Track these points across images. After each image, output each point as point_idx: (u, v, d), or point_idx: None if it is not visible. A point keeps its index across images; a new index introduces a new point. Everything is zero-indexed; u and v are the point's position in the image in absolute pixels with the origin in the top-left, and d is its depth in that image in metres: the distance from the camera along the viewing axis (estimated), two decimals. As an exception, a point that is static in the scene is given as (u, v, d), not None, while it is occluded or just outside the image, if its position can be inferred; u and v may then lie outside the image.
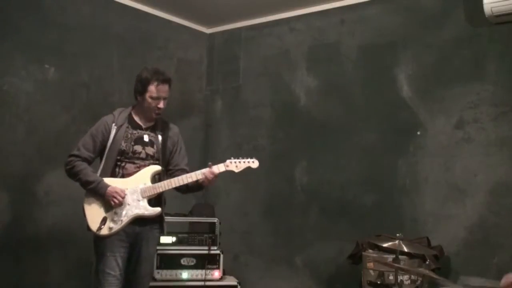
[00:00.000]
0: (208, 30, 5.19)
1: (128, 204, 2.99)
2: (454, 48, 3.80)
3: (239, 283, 4.00)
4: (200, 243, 4.03)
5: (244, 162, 3.13)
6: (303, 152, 4.46)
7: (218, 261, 4.00)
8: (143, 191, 3.02)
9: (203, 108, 5.11)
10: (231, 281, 4.05)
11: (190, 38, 5.04)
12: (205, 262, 3.94)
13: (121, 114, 3.14)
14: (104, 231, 2.95)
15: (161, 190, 3.05)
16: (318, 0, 4.40)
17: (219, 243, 4.08)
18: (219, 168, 3.09)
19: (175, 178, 3.06)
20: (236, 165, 3.11)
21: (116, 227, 2.96)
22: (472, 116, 3.68)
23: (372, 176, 4.08)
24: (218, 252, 4.02)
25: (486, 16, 3.47)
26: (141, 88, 3.08)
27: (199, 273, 3.93)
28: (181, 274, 3.90)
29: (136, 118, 3.16)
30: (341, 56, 4.35)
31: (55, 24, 4.00)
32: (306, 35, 4.57)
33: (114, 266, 2.95)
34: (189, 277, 3.91)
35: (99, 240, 2.99)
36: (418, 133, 3.90)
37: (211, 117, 5.10)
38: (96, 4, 4.27)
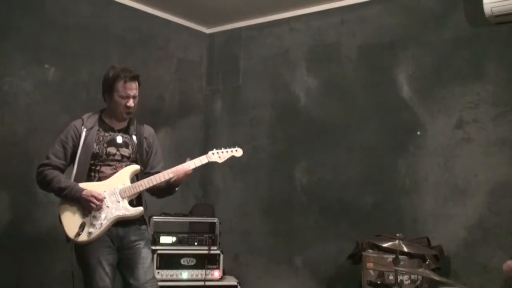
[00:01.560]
0: (208, 30, 5.19)
1: (107, 207, 2.81)
2: (454, 48, 3.80)
3: (239, 283, 4.01)
4: (200, 243, 4.03)
5: (227, 151, 3.07)
6: (303, 152, 4.46)
7: (218, 261, 4.00)
8: (122, 192, 2.85)
9: (203, 108, 5.11)
10: (231, 281, 4.06)
11: (190, 38, 5.04)
12: (205, 262, 3.94)
13: (90, 117, 2.97)
14: (83, 237, 2.75)
15: (141, 189, 2.88)
16: (318, 0, 4.40)
17: (219, 243, 4.08)
18: (201, 160, 2.97)
19: (155, 175, 2.91)
20: (219, 155, 3.04)
21: (95, 231, 2.76)
22: (472, 116, 3.68)
23: (372, 176, 4.08)
24: (218, 252, 4.02)
25: (486, 16, 3.47)
26: (108, 87, 2.91)
27: (199, 273, 3.93)
28: (181, 274, 3.90)
29: (107, 121, 2.99)
30: (341, 56, 4.35)
31: (55, 24, 4.00)
32: (306, 35, 4.57)
33: (103, 275, 2.75)
34: (189, 277, 3.91)
35: (80, 249, 2.79)
36: (418, 133, 3.89)
37: (211, 117, 5.10)
38: (96, 4, 4.27)
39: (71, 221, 2.81)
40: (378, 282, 3.37)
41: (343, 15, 4.36)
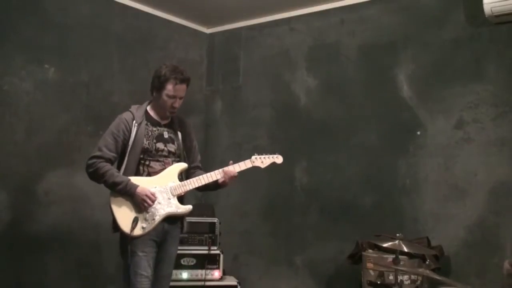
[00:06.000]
0: (208, 30, 5.19)
1: (159, 203, 2.95)
2: (454, 48, 3.80)
3: (239, 283, 4.00)
4: (200, 243, 4.03)
5: (269, 157, 3.20)
6: (303, 152, 4.46)
7: (218, 261, 4.00)
8: (173, 189, 2.99)
9: (203, 108, 5.11)
10: (231, 281, 4.05)
11: (190, 38, 5.03)
12: (205, 262, 3.94)
13: (138, 110, 3.08)
14: (137, 231, 2.88)
15: (190, 188, 3.03)
16: (318, 0, 4.40)
17: (219, 243, 4.08)
18: (245, 164, 3.12)
19: (204, 175, 3.06)
20: (261, 160, 3.17)
21: (148, 226, 2.91)
22: (472, 116, 3.68)
23: (372, 176, 4.08)
24: (218, 252, 4.02)
25: (486, 16, 3.47)
26: (158, 84, 3.02)
27: (199, 273, 3.93)
28: (181, 274, 3.90)
29: (153, 115, 3.12)
30: (341, 56, 4.35)
31: (55, 24, 3.99)
32: (306, 35, 4.57)
33: (146, 267, 2.89)
34: (189, 277, 3.91)
35: (129, 241, 2.89)
36: (418, 133, 3.90)
37: (211, 117, 5.10)
38: (96, 4, 4.26)
39: (124, 215, 2.91)
40: (378, 282, 3.37)
41: (343, 15, 4.36)
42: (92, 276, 4.02)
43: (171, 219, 3.02)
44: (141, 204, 2.90)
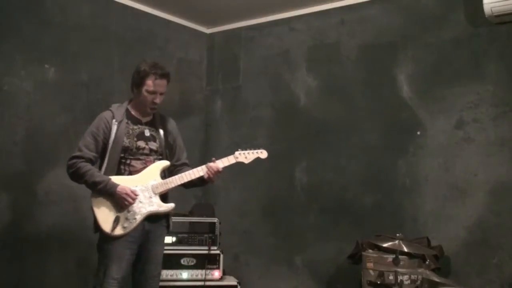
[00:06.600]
0: (208, 30, 5.19)
1: (141, 202, 2.92)
2: (454, 48, 3.80)
3: (239, 283, 4.00)
4: (200, 243, 4.03)
5: (253, 153, 3.14)
6: (303, 152, 4.46)
7: (218, 261, 4.00)
8: (154, 187, 2.96)
9: (203, 108, 5.11)
10: (231, 281, 4.05)
11: (190, 38, 5.04)
12: (205, 262, 3.94)
13: (118, 109, 3.05)
14: (118, 231, 2.86)
15: (172, 186, 3.00)
16: (318, 0, 4.40)
17: (219, 243, 4.08)
18: (229, 160, 3.07)
19: (186, 173, 3.02)
20: (245, 156, 3.11)
21: (130, 226, 2.88)
22: (472, 116, 3.68)
23: (372, 176, 4.08)
24: (218, 252, 4.02)
25: (486, 16, 3.47)
26: (138, 80, 3.00)
27: (199, 273, 3.93)
28: (181, 274, 3.90)
29: (134, 113, 3.09)
30: (341, 56, 4.35)
31: (55, 24, 4.00)
32: (306, 35, 4.57)
33: (118, 270, 2.85)
34: (189, 277, 3.91)
35: (107, 242, 2.87)
36: (418, 133, 3.90)
37: (211, 117, 5.10)
38: (96, 4, 4.27)
39: (105, 214, 2.89)
40: (378, 282, 3.37)
41: (343, 15, 4.36)
42: (92, 275, 4.01)
43: (153, 218, 2.98)
44: (121, 202, 2.87)
